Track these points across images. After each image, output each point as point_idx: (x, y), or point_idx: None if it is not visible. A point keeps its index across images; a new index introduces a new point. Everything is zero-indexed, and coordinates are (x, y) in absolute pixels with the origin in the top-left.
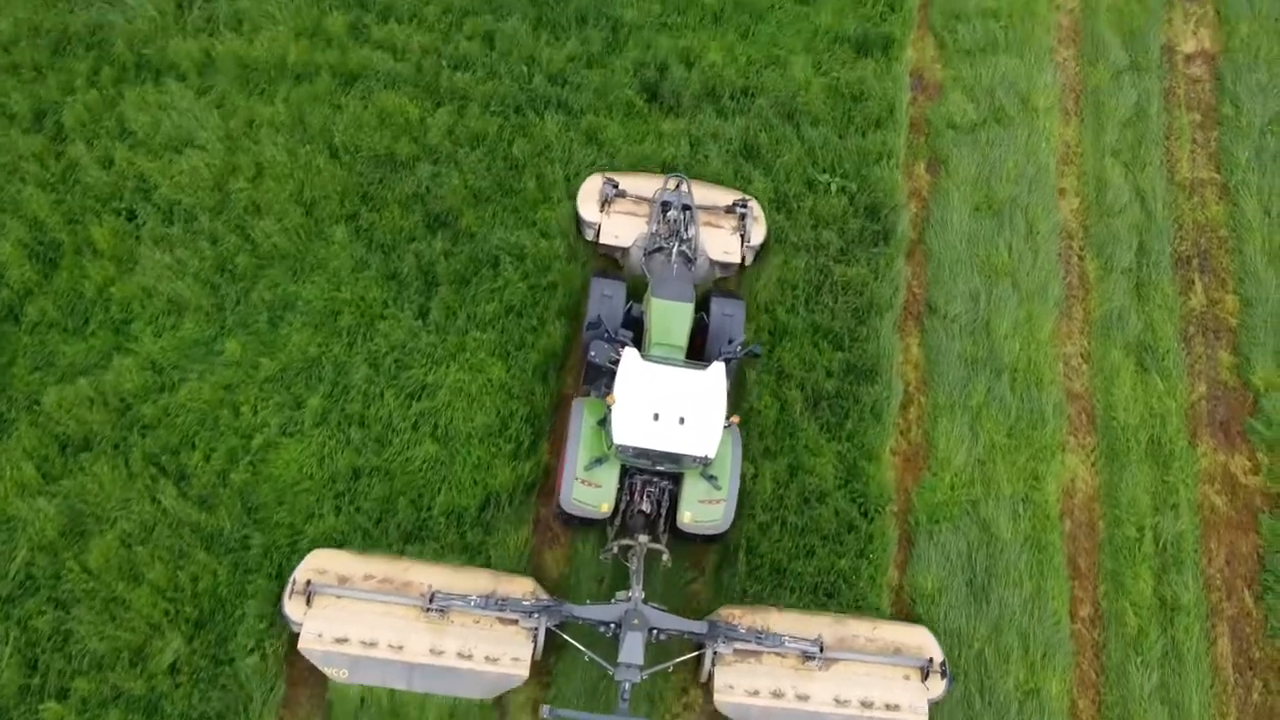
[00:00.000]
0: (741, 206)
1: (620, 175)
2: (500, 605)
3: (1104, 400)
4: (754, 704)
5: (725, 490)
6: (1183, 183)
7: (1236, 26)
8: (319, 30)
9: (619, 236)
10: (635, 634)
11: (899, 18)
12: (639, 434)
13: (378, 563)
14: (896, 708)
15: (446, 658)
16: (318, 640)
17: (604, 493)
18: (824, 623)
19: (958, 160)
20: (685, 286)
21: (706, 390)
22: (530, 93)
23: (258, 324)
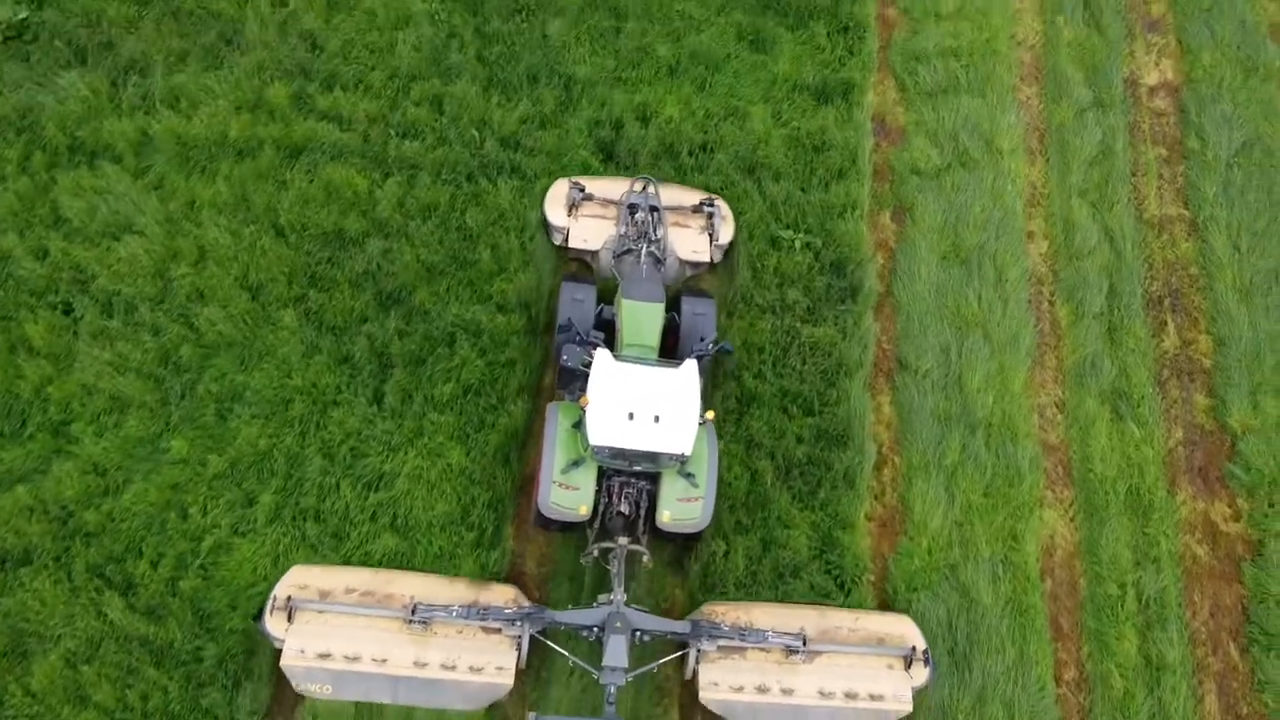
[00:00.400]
0: (709, 205)
1: (587, 179)
2: (482, 614)
3: (1080, 451)
4: (739, 700)
5: (703, 487)
6: (1151, 220)
7: (1199, 56)
8: (260, 103)
9: (588, 240)
10: (618, 637)
11: (858, 62)
12: (614, 434)
13: (358, 575)
14: (881, 697)
15: (431, 669)
16: (300, 656)
17: (582, 495)
18: (807, 615)
19: (923, 208)
20: (655, 287)
21: (680, 388)
22: (482, 158)
23: (205, 418)
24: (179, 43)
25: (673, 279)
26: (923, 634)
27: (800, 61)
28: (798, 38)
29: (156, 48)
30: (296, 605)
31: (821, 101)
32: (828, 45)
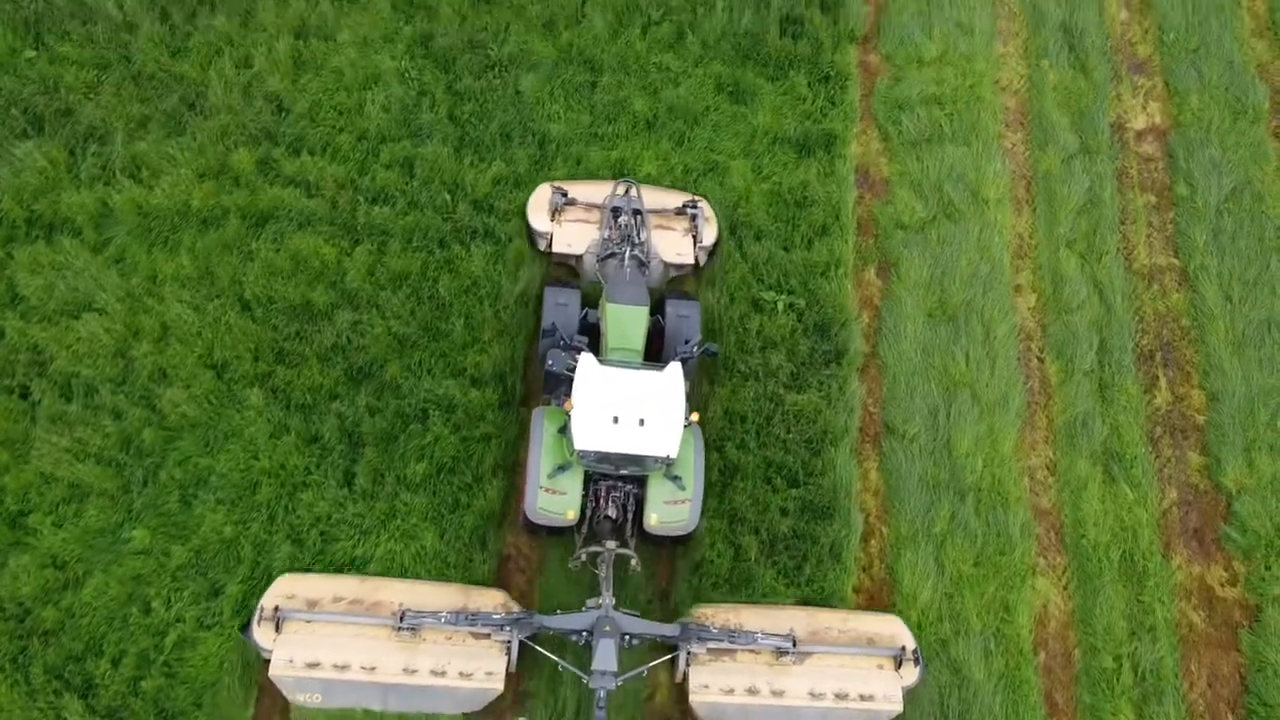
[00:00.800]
0: (692, 208)
1: (569, 183)
2: (471, 620)
3: (1072, 515)
4: (729, 702)
5: (690, 490)
6: (1141, 270)
7: (1186, 99)
8: (225, 169)
9: (571, 245)
10: (608, 640)
11: (840, 112)
12: (600, 438)
13: (346, 584)
14: (871, 698)
15: (420, 676)
16: (289, 666)
17: (569, 500)
18: (796, 616)
19: (909, 263)
20: (640, 290)
21: (665, 391)
22: (454, 222)
23: (168, 505)
24: (139, 108)
25: (657, 282)
26: (912, 634)
27: (781, 113)
28: (778, 88)
29: (116, 114)
30: (284, 615)
31: (803, 154)
32: (809, 95)
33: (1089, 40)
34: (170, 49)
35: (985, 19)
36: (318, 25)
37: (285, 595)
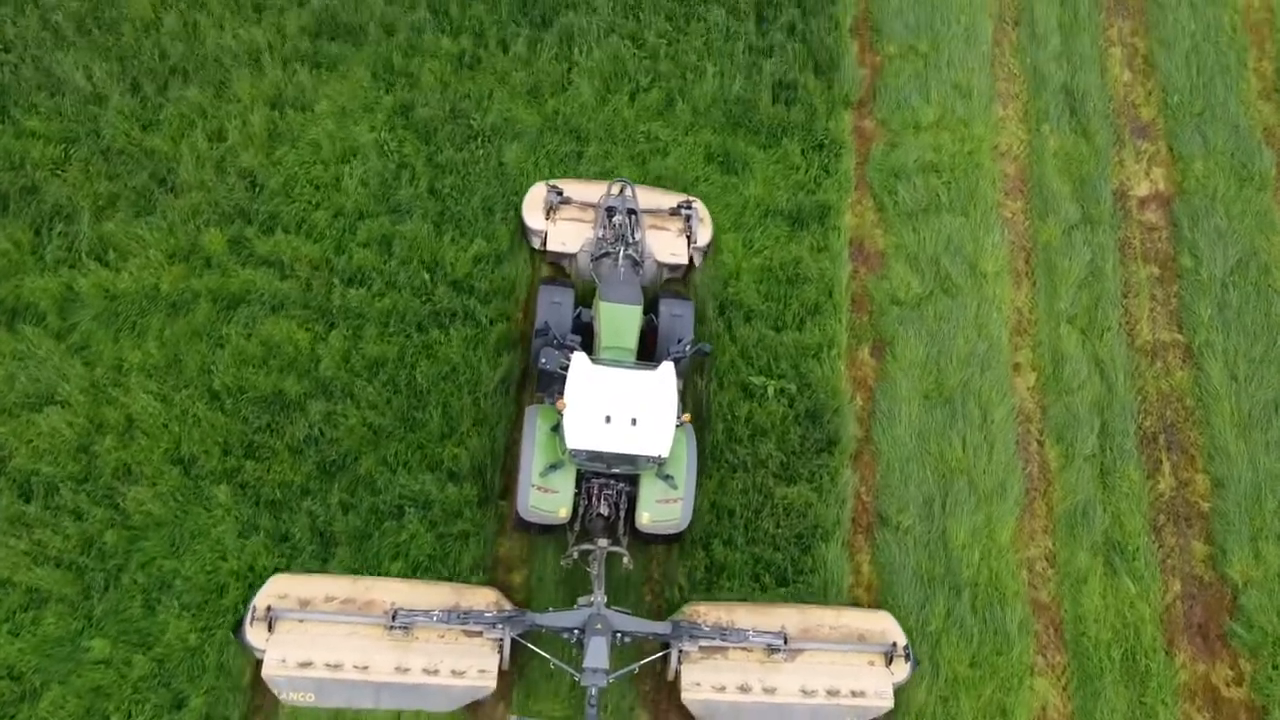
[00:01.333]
0: (686, 208)
1: (564, 182)
2: (463, 618)
3: (1072, 611)
4: (721, 699)
5: (682, 489)
6: (1144, 347)
7: (1190, 165)
8: (195, 250)
9: (565, 243)
10: (599, 638)
11: (834, 181)
12: (592, 437)
13: (338, 584)
14: (862, 694)
15: (413, 674)
16: (281, 666)
17: (561, 498)
18: (788, 614)
19: (904, 341)
20: (633, 289)
21: (657, 390)
22: (433, 304)
23: (130, 611)
24: (108, 186)
25: (650, 281)
26: (902, 630)
27: (773, 183)
28: (770, 157)
29: (84, 192)
30: (277, 615)
31: (796, 226)
32: (802, 164)
33: (1091, 103)
34: (141, 122)
35: (984, 81)
36: (294, 96)
37: (277, 595)
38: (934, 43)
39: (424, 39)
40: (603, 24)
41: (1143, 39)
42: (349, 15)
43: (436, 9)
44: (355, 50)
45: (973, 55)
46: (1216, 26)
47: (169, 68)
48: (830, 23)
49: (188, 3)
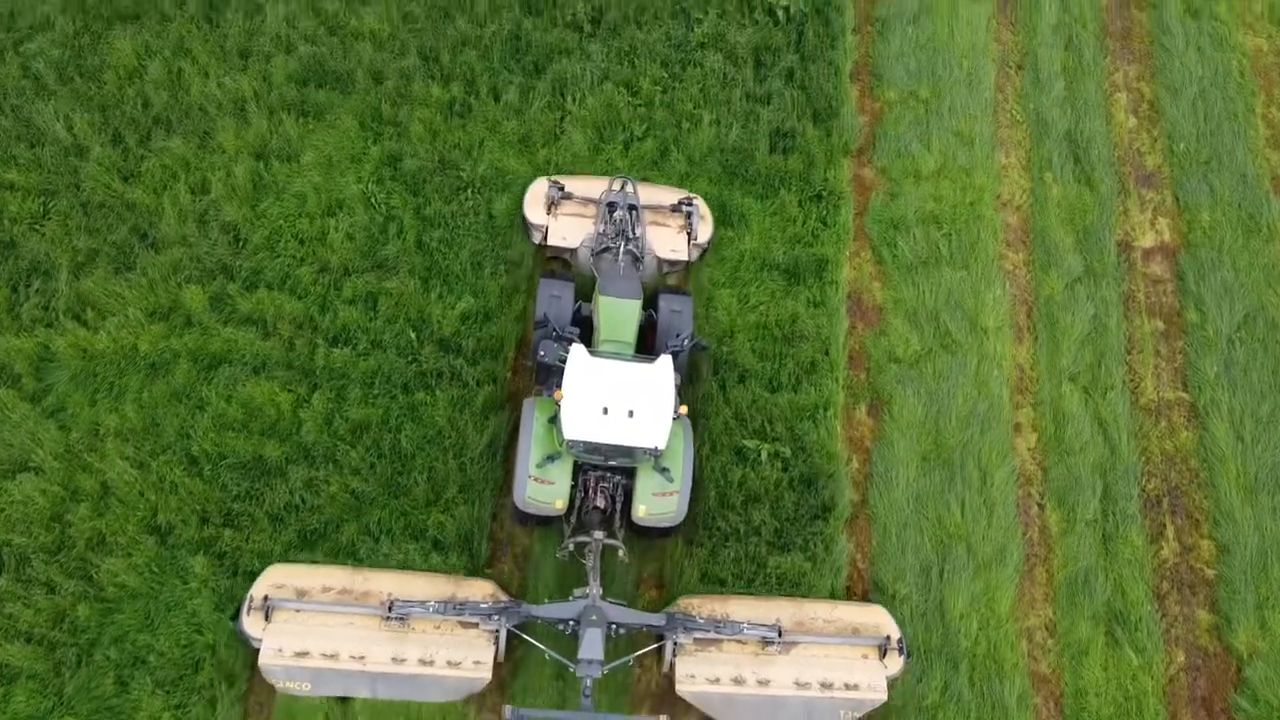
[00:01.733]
0: (687, 205)
1: (566, 178)
2: (459, 609)
3: (1073, 684)
4: (715, 691)
5: (678, 482)
6: (1148, 406)
7: (1197, 215)
8: (176, 308)
9: (566, 238)
10: (594, 630)
11: (832, 234)
12: (589, 428)
13: (336, 574)
14: (856, 687)
15: (409, 665)
16: (278, 656)
17: (558, 490)
18: (782, 607)
19: (902, 401)
20: (633, 284)
21: (655, 383)
22: (419, 365)
23: (102, 688)
24: (87, 241)
25: (651, 277)
26: (896, 624)
27: (770, 235)
28: (767, 208)
29: (62, 248)
30: (274, 604)
31: (792, 281)
32: (799, 215)
33: (1095, 151)
34: (122, 174)
35: (986, 128)
36: (280, 146)
37: (274, 585)
38: (935, 88)
39: (413, 87)
40: (597, 71)
41: (1148, 84)
42: (337, 62)
43: (427, 55)
44: (343, 98)
45: (975, 101)
46: (1224, 72)
47: (152, 117)
48: (830, 68)
49: (172, 49)
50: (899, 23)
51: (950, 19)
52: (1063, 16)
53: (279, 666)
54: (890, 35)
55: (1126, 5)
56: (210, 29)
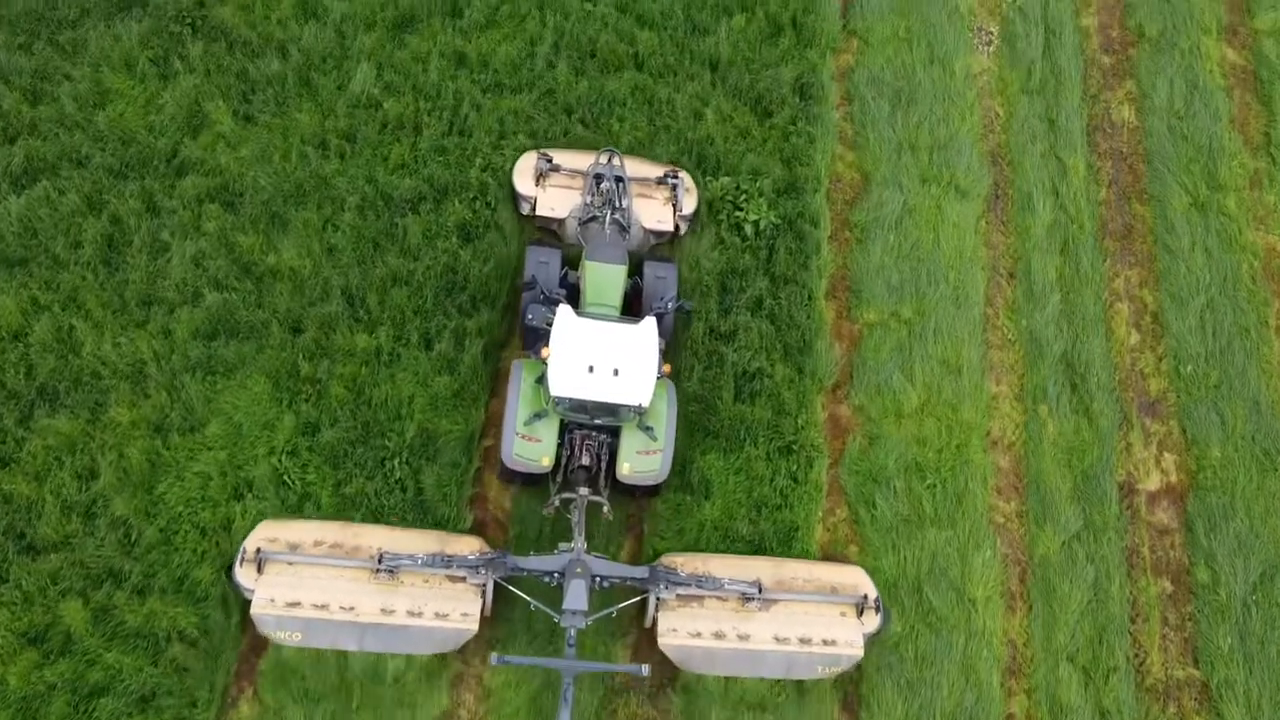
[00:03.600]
0: (673, 178)
1: (555, 151)
2: (446, 562)
3: None
4: (697, 645)
5: (662, 440)
6: (1154, 687)
7: (1206, 451)
8: (53, 630)
9: (555, 209)
10: (579, 581)
11: (804, 492)
12: (575, 385)
13: (327, 528)
14: (834, 643)
15: (397, 616)
16: (270, 605)
17: (544, 447)
18: (763, 566)
19: (880, 694)
20: (619, 250)
21: (639, 343)
22: None
23: None
24: None
25: (637, 247)
26: (874, 583)
27: (733, 501)
28: (731, 465)
29: None
30: (266, 557)
31: (759, 554)
32: (767, 473)
33: (1094, 376)
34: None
35: (975, 352)
36: (181, 417)
37: (267, 539)
38: (920, 306)
39: (335, 338)
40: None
41: (1152, 292)
42: (249, 312)
43: (352, 297)
44: (255, 353)
45: (963, 320)
46: (1234, 278)
47: (36, 388)
48: (802, 292)
49: (62, 304)
50: (879, 229)
51: (935, 222)
52: (1058, 214)
53: (271, 616)
54: (870, 244)
55: (1127, 199)
56: (108, 274)
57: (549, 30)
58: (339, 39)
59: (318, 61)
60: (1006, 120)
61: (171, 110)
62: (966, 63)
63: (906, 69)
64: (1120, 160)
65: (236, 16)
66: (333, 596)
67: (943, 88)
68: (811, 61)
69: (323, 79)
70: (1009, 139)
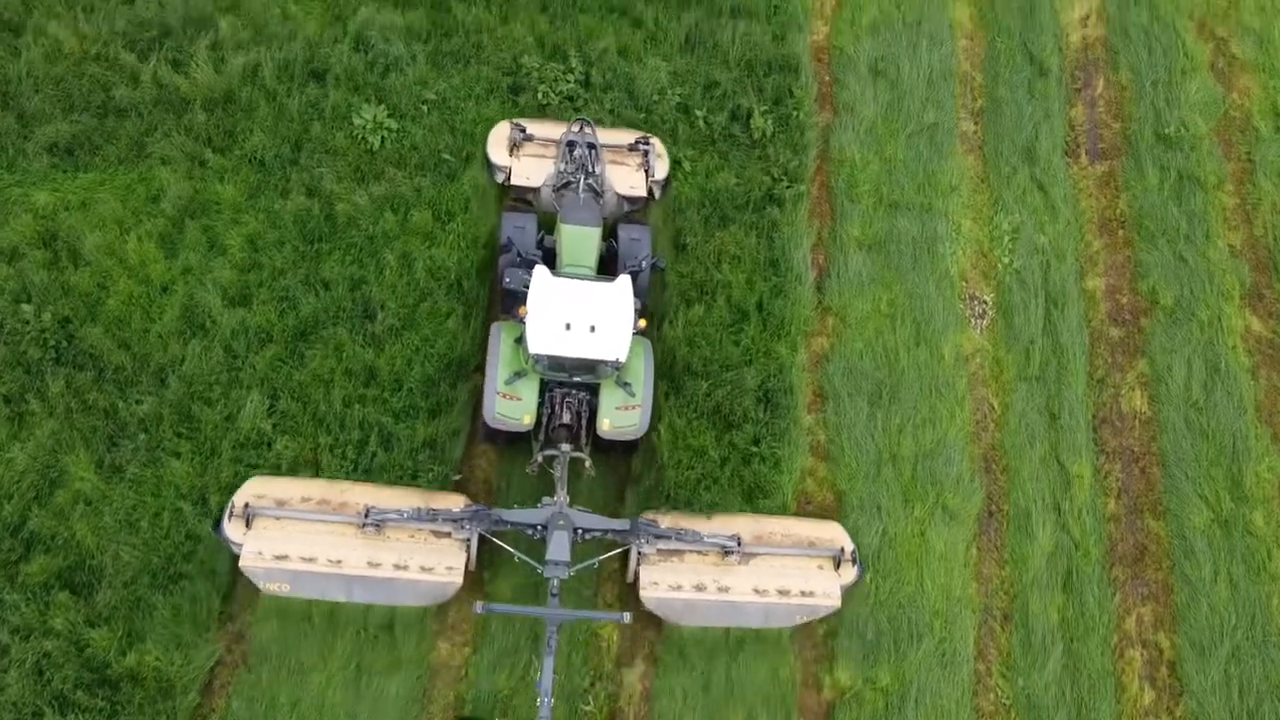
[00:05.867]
0: (644, 144)
1: (528, 121)
2: (432, 516)
3: None
4: (678, 597)
5: (640, 396)
6: None
7: None
8: None
9: (529, 178)
10: (561, 533)
11: None
12: (553, 343)
13: (315, 486)
14: (811, 594)
15: (384, 569)
16: (258, 558)
17: (525, 405)
18: (741, 522)
19: None
20: (593, 213)
21: (614, 300)
22: None
23: None
24: None
25: (611, 213)
26: (850, 537)
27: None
28: None
29: None
30: (254, 512)
31: None
32: None
33: None
34: None
35: None
36: None
37: (255, 495)
38: (899, 670)
39: None
40: None
41: (1168, 634)
42: None
43: None
44: None
45: (950, 683)
46: (1264, 617)
47: None
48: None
49: None
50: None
51: (919, 555)
52: (1060, 538)
53: (260, 568)
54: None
55: (1139, 512)
56: None
57: (470, 333)
58: (228, 359)
59: (201, 389)
60: (1002, 415)
61: (23, 465)
62: (957, 342)
63: (889, 354)
64: (1131, 462)
65: (108, 337)
66: (320, 550)
67: (930, 376)
68: (780, 359)
69: (206, 411)
70: (1004, 439)
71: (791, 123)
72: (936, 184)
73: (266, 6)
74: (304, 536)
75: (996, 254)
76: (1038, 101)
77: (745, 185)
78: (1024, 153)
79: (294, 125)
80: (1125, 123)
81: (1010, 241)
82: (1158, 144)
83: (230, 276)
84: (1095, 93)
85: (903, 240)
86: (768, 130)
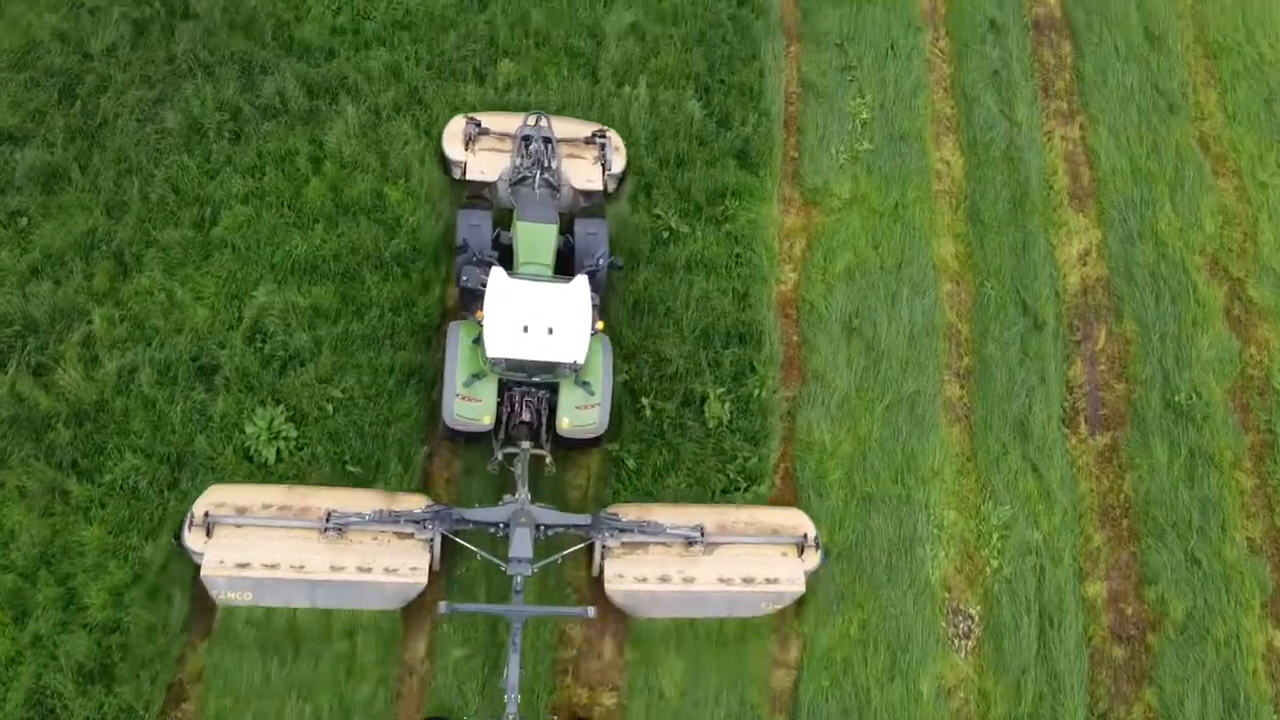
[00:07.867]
0: (600, 137)
1: (483, 115)
2: (394, 518)
3: None
4: (643, 589)
5: (599, 395)
6: None
7: None
8: None
9: (484, 172)
10: (523, 530)
11: None
12: (511, 346)
13: (275, 492)
14: (776, 581)
15: (347, 573)
16: (220, 567)
17: (484, 406)
18: (704, 513)
19: None
20: (549, 210)
21: (572, 301)
22: None
23: None
24: None
25: (568, 207)
26: (814, 524)
27: None
28: None
29: None
30: (215, 521)
31: None
32: None
33: None
34: None
35: None
36: None
37: (215, 503)
38: None
39: None
40: None
41: None
42: None
43: None
44: None
45: None
46: None
47: None
48: None
49: None
50: None
51: None
52: None
53: (221, 578)
54: None
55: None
56: None
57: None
58: None
59: None
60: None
61: None
62: (938, 672)
63: (859, 692)
64: None
65: None
66: (282, 556)
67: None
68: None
69: None
70: None
71: (753, 405)
72: (917, 469)
73: (150, 292)
74: (266, 543)
75: (984, 554)
76: (1032, 362)
77: (697, 489)
78: (1016, 426)
79: (175, 438)
80: (1130, 384)
81: (1000, 540)
82: (1166, 412)
83: (87, 648)
84: (1096, 346)
85: (877, 544)
86: (724, 418)
